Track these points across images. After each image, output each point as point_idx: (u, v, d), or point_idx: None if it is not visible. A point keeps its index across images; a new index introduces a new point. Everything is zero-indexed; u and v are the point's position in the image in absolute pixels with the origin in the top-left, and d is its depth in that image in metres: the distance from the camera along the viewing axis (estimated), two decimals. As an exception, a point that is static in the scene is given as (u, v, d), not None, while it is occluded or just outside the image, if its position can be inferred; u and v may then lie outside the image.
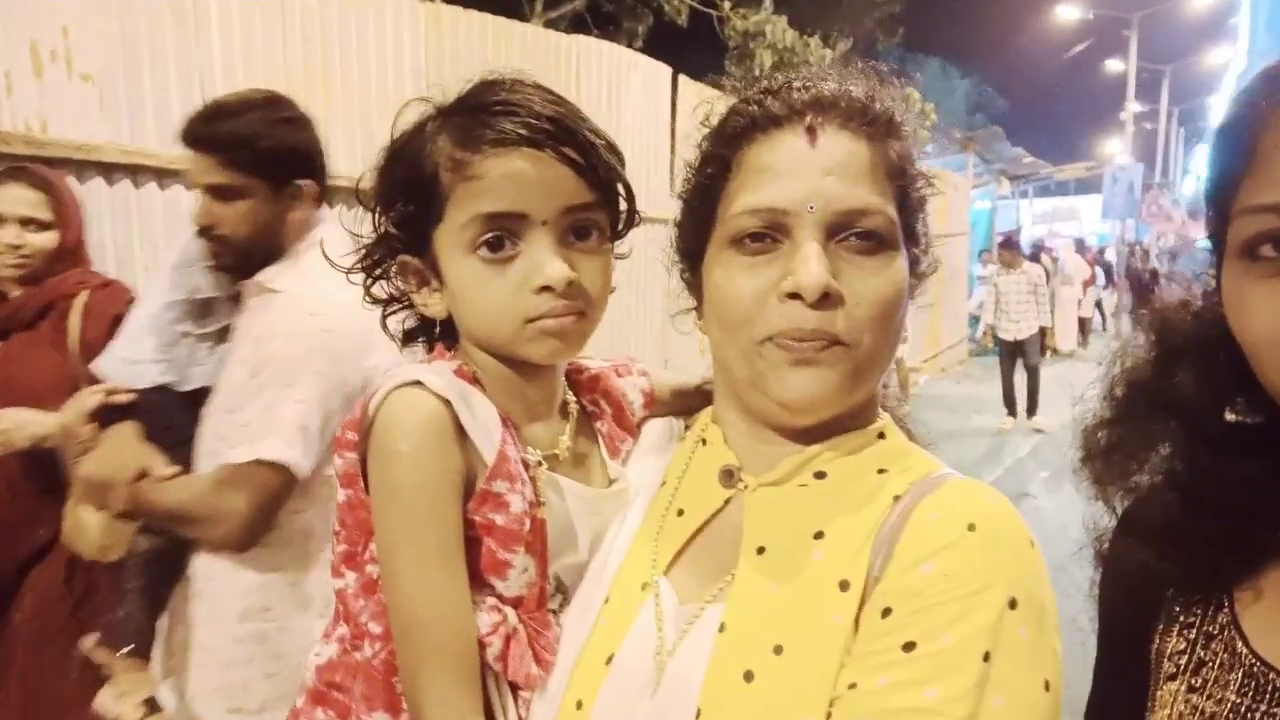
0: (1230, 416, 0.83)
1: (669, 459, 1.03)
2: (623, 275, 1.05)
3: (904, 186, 0.90)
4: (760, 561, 0.87)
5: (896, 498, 0.86)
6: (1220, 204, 0.76)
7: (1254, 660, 0.77)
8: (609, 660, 0.89)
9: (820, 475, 0.91)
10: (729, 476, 0.94)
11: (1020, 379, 9.82)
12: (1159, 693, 0.83)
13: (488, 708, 0.91)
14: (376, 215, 0.99)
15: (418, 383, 0.89)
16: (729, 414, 0.97)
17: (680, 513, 0.96)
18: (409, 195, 0.96)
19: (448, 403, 0.89)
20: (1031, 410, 9.81)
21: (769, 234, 0.86)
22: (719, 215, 0.91)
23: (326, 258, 1.09)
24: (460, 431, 0.89)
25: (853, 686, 0.78)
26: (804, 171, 0.85)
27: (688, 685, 0.83)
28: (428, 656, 0.87)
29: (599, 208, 0.97)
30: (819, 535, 0.87)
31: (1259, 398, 0.78)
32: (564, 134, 0.93)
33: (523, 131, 0.91)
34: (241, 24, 3.31)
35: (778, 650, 0.82)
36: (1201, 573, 0.82)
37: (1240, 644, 0.78)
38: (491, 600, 0.91)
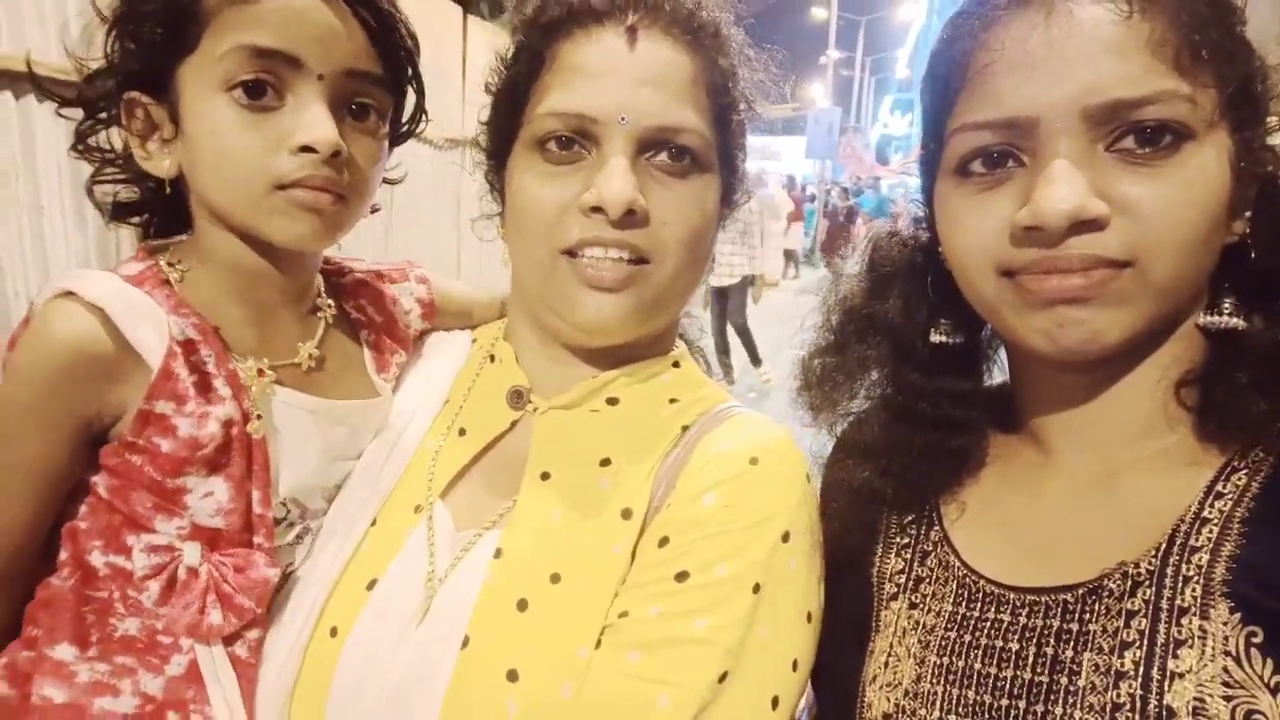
0: (936, 339, 0.86)
1: (451, 375, 0.96)
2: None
3: (725, 107, 0.85)
4: (544, 487, 0.84)
5: (685, 428, 0.86)
6: (935, 126, 0.78)
7: (964, 570, 0.82)
8: (370, 585, 0.83)
9: (613, 401, 0.88)
10: (518, 397, 0.89)
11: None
12: (883, 613, 0.87)
13: (194, 658, 0.82)
14: (110, 40, 0.84)
15: (69, 293, 0.79)
16: (521, 330, 0.91)
17: (462, 432, 0.90)
18: (157, 17, 0.81)
19: (105, 315, 0.79)
20: (755, 362, 9.47)
21: (576, 140, 0.80)
22: (526, 113, 0.83)
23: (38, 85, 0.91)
24: (122, 347, 0.80)
25: (624, 615, 0.77)
26: (619, 77, 0.79)
27: (456, 613, 0.79)
28: None
29: (383, 87, 0.87)
30: (605, 462, 0.85)
31: (961, 320, 0.83)
32: None
33: None
34: None
35: (555, 579, 0.79)
36: (913, 484, 0.86)
37: (952, 557, 0.84)
38: (159, 539, 0.82)
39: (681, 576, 0.77)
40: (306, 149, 0.81)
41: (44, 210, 3.35)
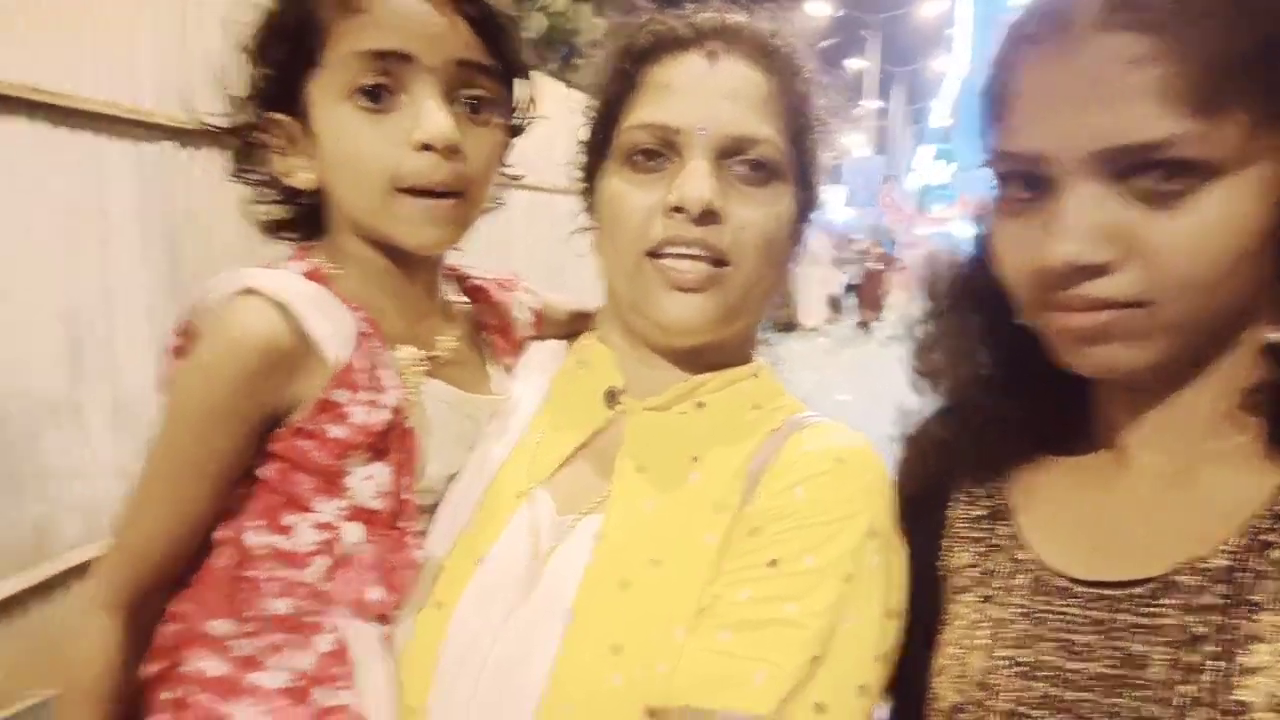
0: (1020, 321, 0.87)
1: (549, 377, 1.02)
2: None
3: (800, 126, 0.91)
4: (638, 479, 0.90)
5: (771, 432, 0.91)
6: (985, 146, 0.81)
7: (1036, 564, 0.83)
8: (477, 563, 0.88)
9: (700, 405, 0.94)
10: (612, 398, 0.95)
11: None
12: (953, 607, 0.87)
13: (342, 635, 0.85)
14: (250, 69, 0.90)
15: (250, 290, 0.82)
16: (613, 335, 0.98)
17: (560, 429, 0.96)
18: (283, 38, 0.87)
19: (286, 310, 0.82)
20: None
21: (661, 151, 0.87)
22: (616, 131, 0.90)
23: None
24: (303, 341, 0.83)
25: (716, 599, 0.82)
26: (701, 92, 0.86)
27: (562, 590, 0.84)
28: (120, 550, 0.87)
29: (495, 77, 0.90)
30: (696, 459, 0.90)
31: None
32: None
33: None
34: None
35: (655, 563, 0.85)
36: (986, 451, 0.88)
37: (1022, 551, 0.84)
38: (323, 517, 0.85)
39: (772, 564, 0.82)
40: (426, 146, 0.84)
41: (114, 248, 3.49)
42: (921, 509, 0.92)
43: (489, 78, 0.89)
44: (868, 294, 16.55)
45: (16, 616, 3.18)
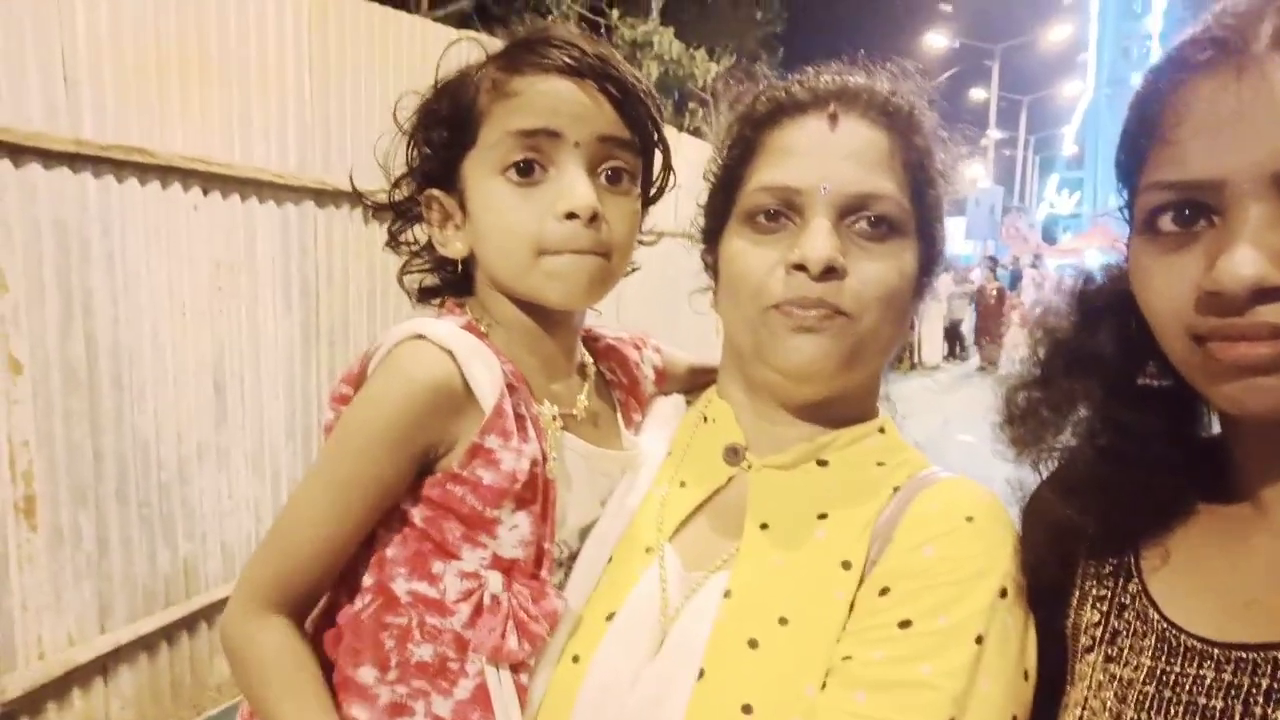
0: (1142, 381, 0.84)
1: (671, 432, 1.05)
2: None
3: (921, 182, 0.92)
4: (764, 536, 0.91)
5: (896, 489, 0.91)
6: (1129, 179, 0.79)
7: (1165, 624, 0.79)
8: (609, 617, 0.90)
9: (823, 463, 0.94)
10: (734, 454, 0.96)
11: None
12: (1078, 666, 0.85)
13: (481, 682, 0.88)
14: (411, 150, 0.98)
15: (420, 336, 0.87)
16: (734, 391, 0.99)
17: (683, 484, 0.98)
18: (444, 122, 0.94)
19: (451, 356, 0.87)
20: None
21: (782, 212, 0.89)
22: (739, 194, 0.93)
23: (358, 193, 1.06)
24: (464, 386, 0.87)
25: (848, 659, 0.81)
26: (821, 154, 0.88)
27: (691, 647, 0.85)
28: (269, 548, 0.90)
29: (633, 150, 0.95)
30: (822, 516, 0.91)
31: (1168, 362, 0.79)
32: (605, 68, 0.92)
33: (564, 58, 0.90)
34: (108, -5, 3.11)
35: (783, 621, 0.84)
36: (1114, 526, 0.84)
37: (1151, 610, 0.81)
38: (468, 566, 0.88)
39: (905, 624, 0.81)
40: (570, 215, 0.89)
41: (259, 300, 3.73)
42: (1047, 566, 0.89)
43: (627, 150, 0.94)
44: (985, 331, 15.96)
45: (167, 648, 3.40)
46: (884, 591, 0.83)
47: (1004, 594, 0.82)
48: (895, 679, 0.79)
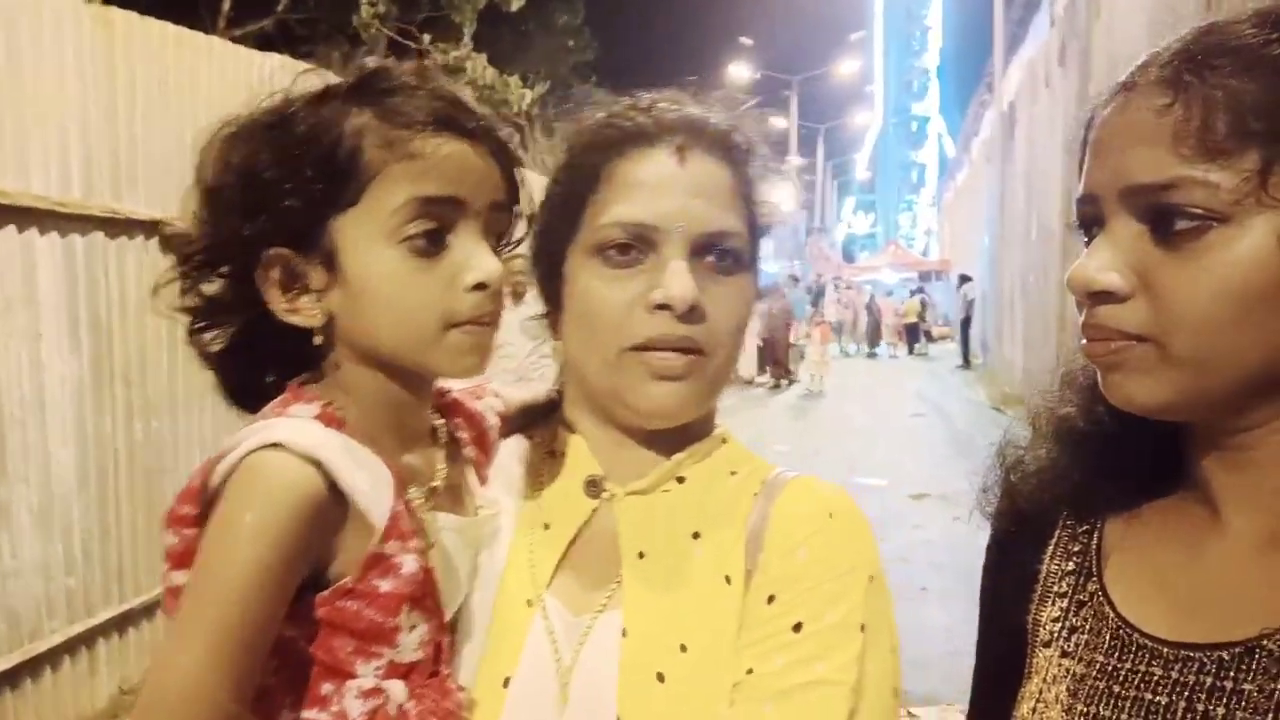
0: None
1: (519, 474, 1.02)
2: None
3: (753, 213, 0.96)
4: (644, 565, 0.92)
5: (755, 495, 0.94)
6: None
7: (1120, 623, 0.83)
8: (506, 683, 0.88)
9: (681, 480, 0.96)
10: (594, 486, 0.96)
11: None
12: (1034, 659, 0.89)
13: None
14: (233, 195, 0.84)
15: (277, 445, 0.77)
16: (584, 422, 0.99)
17: (547, 526, 0.96)
18: (307, 174, 0.82)
19: (318, 465, 0.77)
20: None
21: (635, 246, 0.90)
22: (584, 223, 0.92)
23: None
24: (338, 496, 0.78)
25: (750, 672, 0.85)
26: (674, 190, 0.90)
27: (598, 695, 0.86)
28: None
29: (510, 210, 0.92)
30: (696, 535, 0.93)
31: None
32: (492, 129, 0.89)
33: (463, 119, 0.85)
34: None
35: (683, 648, 0.86)
36: (1089, 484, 0.88)
37: (1108, 608, 0.85)
38: (365, 683, 0.81)
39: (797, 628, 0.85)
40: (480, 286, 0.85)
41: (42, 337, 3.43)
42: (1014, 560, 0.93)
43: (508, 214, 0.92)
44: (771, 353, 16.54)
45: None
46: (771, 599, 0.87)
47: (872, 580, 0.88)
48: (799, 683, 0.83)
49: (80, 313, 3.60)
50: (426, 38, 9.91)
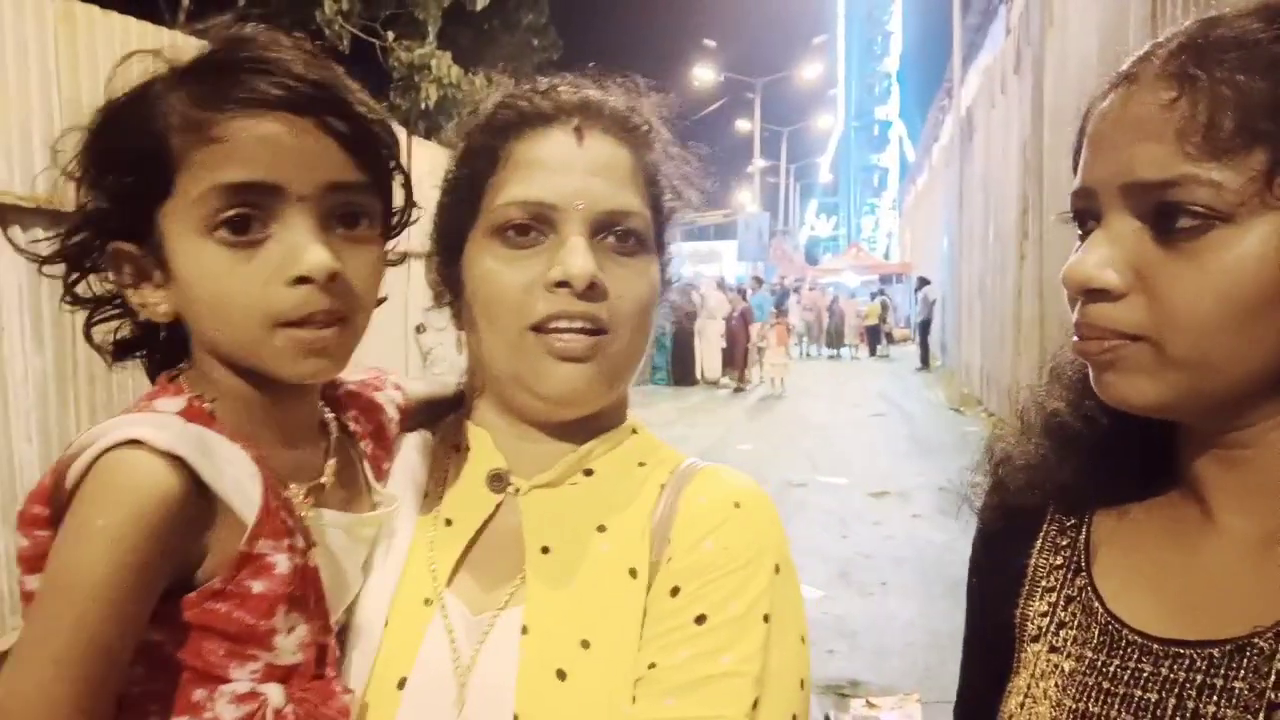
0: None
1: (422, 469, 0.99)
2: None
3: (656, 194, 0.96)
4: (548, 561, 0.89)
5: (662, 486, 0.93)
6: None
7: (1109, 618, 0.82)
8: (401, 684, 0.86)
9: (588, 472, 0.95)
10: (498, 480, 0.94)
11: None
12: (1022, 654, 0.88)
13: None
14: (80, 188, 0.80)
15: (134, 441, 0.72)
16: (489, 415, 0.96)
17: (449, 522, 0.94)
18: (126, 164, 0.78)
19: (181, 462, 0.72)
20: None
21: (534, 227, 0.88)
22: (483, 206, 0.91)
23: (16, 246, 0.87)
24: (202, 494, 0.74)
25: (652, 665, 0.84)
26: (572, 169, 0.89)
27: (497, 694, 0.84)
28: None
29: (370, 191, 0.83)
30: (601, 529, 0.91)
31: None
32: (330, 100, 0.79)
33: (279, 92, 0.76)
34: None
35: (585, 645, 0.85)
36: (1080, 476, 0.88)
37: (1097, 604, 0.84)
38: (240, 687, 0.76)
39: (700, 619, 0.84)
40: (303, 279, 0.77)
41: (3, 331, 3.40)
42: (1003, 555, 0.92)
43: (362, 193, 0.83)
44: (732, 355, 16.47)
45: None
46: (675, 591, 0.86)
47: (778, 570, 0.88)
48: (700, 676, 0.82)
49: (44, 309, 3.57)
50: (391, 35, 9.87)
